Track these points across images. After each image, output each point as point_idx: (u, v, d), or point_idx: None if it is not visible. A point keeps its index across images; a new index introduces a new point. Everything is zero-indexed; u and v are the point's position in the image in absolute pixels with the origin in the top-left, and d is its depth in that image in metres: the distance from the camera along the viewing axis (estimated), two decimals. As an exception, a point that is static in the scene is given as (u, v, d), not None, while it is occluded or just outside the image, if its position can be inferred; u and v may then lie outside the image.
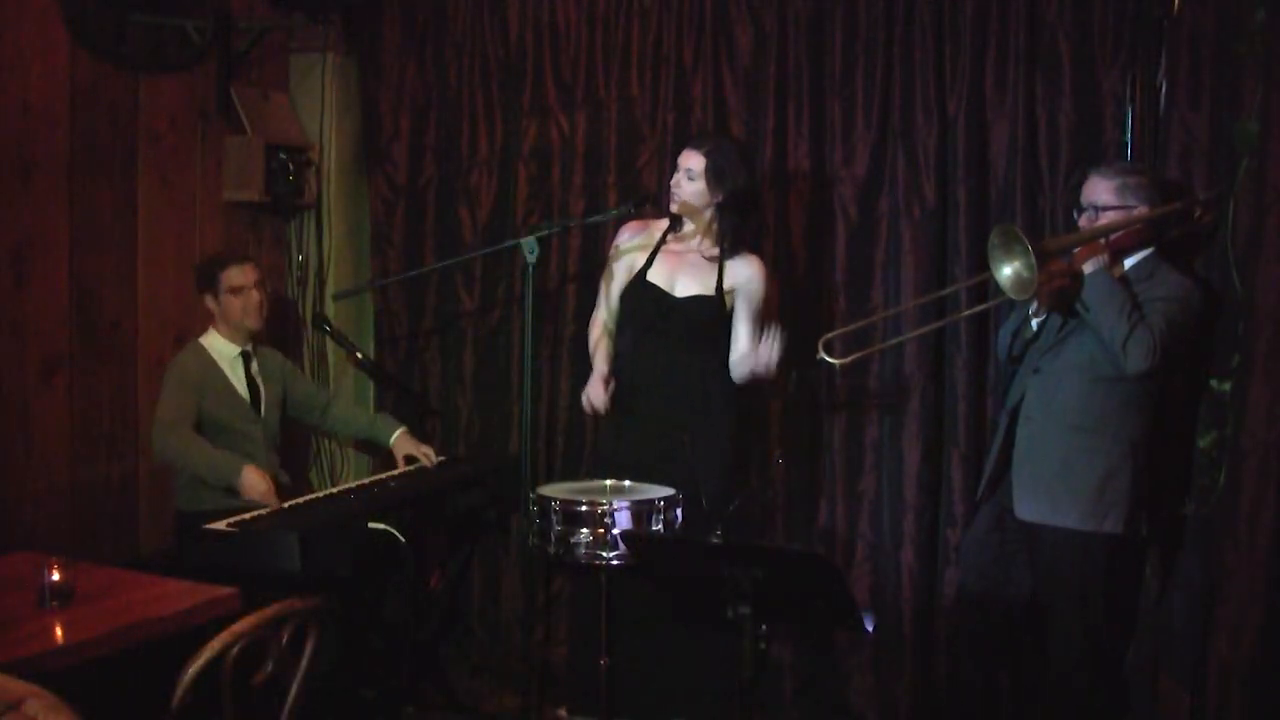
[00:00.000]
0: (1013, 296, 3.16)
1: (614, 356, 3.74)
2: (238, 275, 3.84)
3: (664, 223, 3.73)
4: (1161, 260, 3.30)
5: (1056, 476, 3.23)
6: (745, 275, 3.62)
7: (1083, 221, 3.30)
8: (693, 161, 3.58)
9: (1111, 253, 3.26)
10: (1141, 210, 3.24)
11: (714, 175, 3.55)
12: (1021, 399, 3.33)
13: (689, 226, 3.68)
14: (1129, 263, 3.30)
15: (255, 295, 3.86)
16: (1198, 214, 3.39)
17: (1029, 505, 3.27)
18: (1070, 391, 3.24)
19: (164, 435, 3.67)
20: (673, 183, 3.63)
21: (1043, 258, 3.08)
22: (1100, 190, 3.27)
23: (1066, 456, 3.22)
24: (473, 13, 4.40)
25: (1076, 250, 3.23)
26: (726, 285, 3.62)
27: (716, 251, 3.64)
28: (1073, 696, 3.28)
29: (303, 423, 4.22)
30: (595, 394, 3.61)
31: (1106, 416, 3.21)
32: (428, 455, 4.06)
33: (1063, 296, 3.22)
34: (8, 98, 3.60)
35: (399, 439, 4.11)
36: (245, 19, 4.30)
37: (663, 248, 3.70)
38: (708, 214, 3.63)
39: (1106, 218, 3.24)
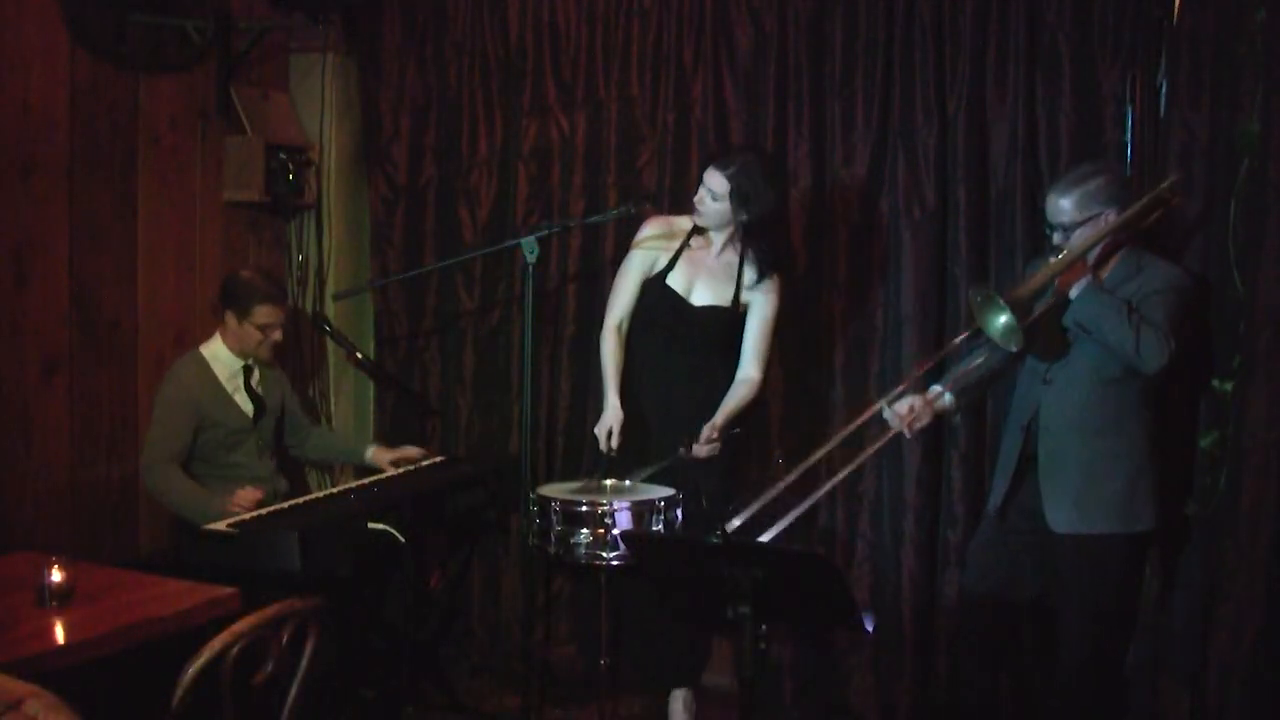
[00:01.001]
0: (1009, 349, 3.12)
1: (627, 357, 3.72)
2: (271, 314, 3.83)
3: (687, 222, 3.69)
4: (1143, 252, 3.24)
5: (1084, 485, 3.18)
6: (762, 292, 3.63)
7: (1057, 240, 3.20)
8: (716, 183, 3.50)
9: (1095, 264, 3.21)
10: (1110, 215, 3.14)
11: (738, 198, 3.49)
12: (1035, 412, 3.27)
13: (703, 254, 3.67)
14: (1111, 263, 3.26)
15: (277, 335, 3.87)
16: (1172, 200, 3.26)
17: (1062, 517, 3.20)
18: (1083, 398, 3.19)
19: (151, 471, 3.71)
20: (696, 199, 3.58)
21: (1021, 307, 3.05)
22: (1062, 210, 3.16)
23: (1090, 463, 3.18)
24: (473, 13, 4.40)
25: (1057, 281, 3.15)
26: (743, 298, 3.63)
27: (737, 260, 3.63)
28: (1080, 698, 3.28)
29: (286, 445, 4.19)
30: (604, 434, 3.56)
31: (1122, 417, 3.19)
32: (407, 457, 4.07)
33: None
34: (8, 98, 3.60)
35: (375, 453, 4.11)
36: (245, 19, 4.30)
37: (685, 251, 3.68)
38: (730, 228, 3.60)
39: (1079, 235, 3.15)
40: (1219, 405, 3.35)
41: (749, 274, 3.62)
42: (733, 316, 3.63)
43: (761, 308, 3.63)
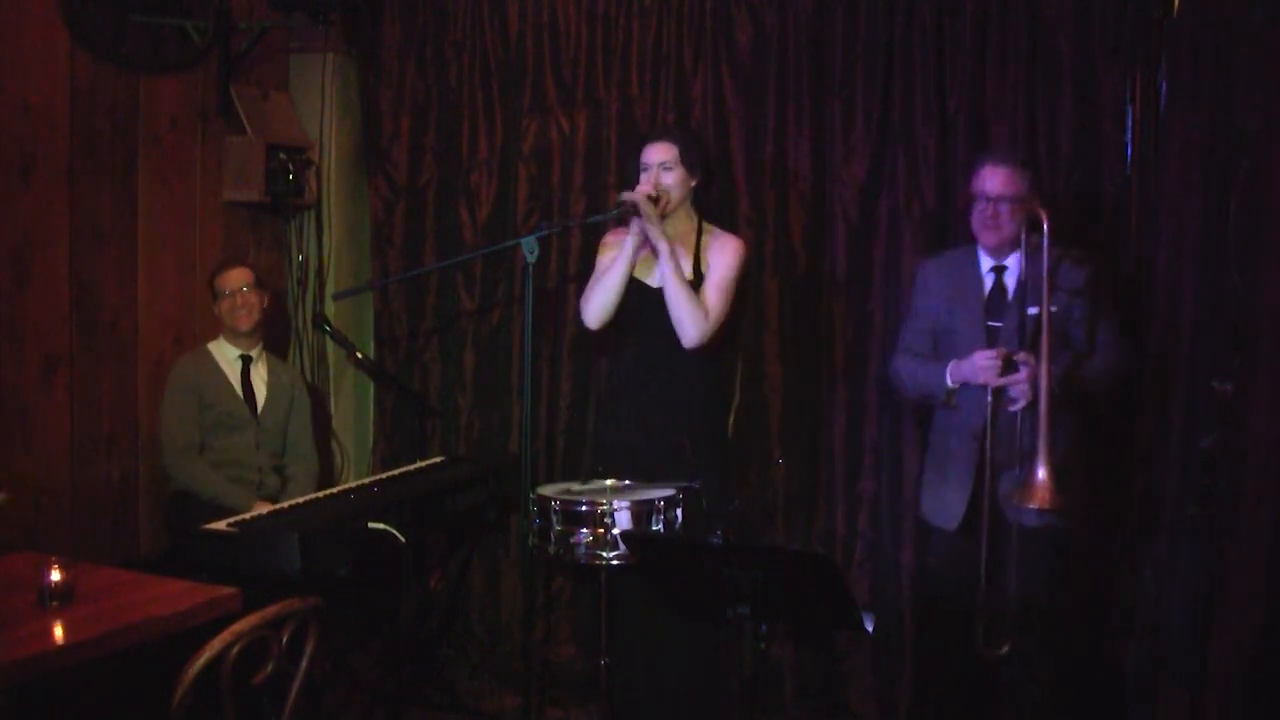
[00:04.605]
0: None
1: (606, 366, 3.72)
2: (225, 279, 3.97)
3: None
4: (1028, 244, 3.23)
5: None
6: (719, 251, 3.57)
7: (990, 213, 3.25)
8: (662, 152, 3.53)
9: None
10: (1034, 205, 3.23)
11: (687, 159, 3.55)
12: (987, 420, 3.20)
13: (666, 227, 3.63)
14: (1012, 265, 3.29)
15: (239, 299, 3.95)
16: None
17: (1033, 514, 3.14)
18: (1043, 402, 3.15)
19: (180, 463, 3.83)
20: (646, 183, 3.51)
21: None
22: (1016, 184, 3.24)
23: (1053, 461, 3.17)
24: (473, 13, 4.40)
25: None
26: (704, 265, 3.57)
27: (695, 233, 3.61)
28: (1061, 680, 3.31)
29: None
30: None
31: (1071, 416, 3.22)
32: None
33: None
34: (8, 98, 3.60)
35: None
36: (245, 19, 4.30)
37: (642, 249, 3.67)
38: (684, 205, 3.59)
39: (1019, 209, 3.21)
40: (1219, 405, 3.35)
41: (710, 240, 3.59)
42: (697, 288, 3.54)
43: (718, 265, 3.55)
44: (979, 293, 3.34)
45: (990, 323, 3.30)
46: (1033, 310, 3.14)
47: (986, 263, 3.36)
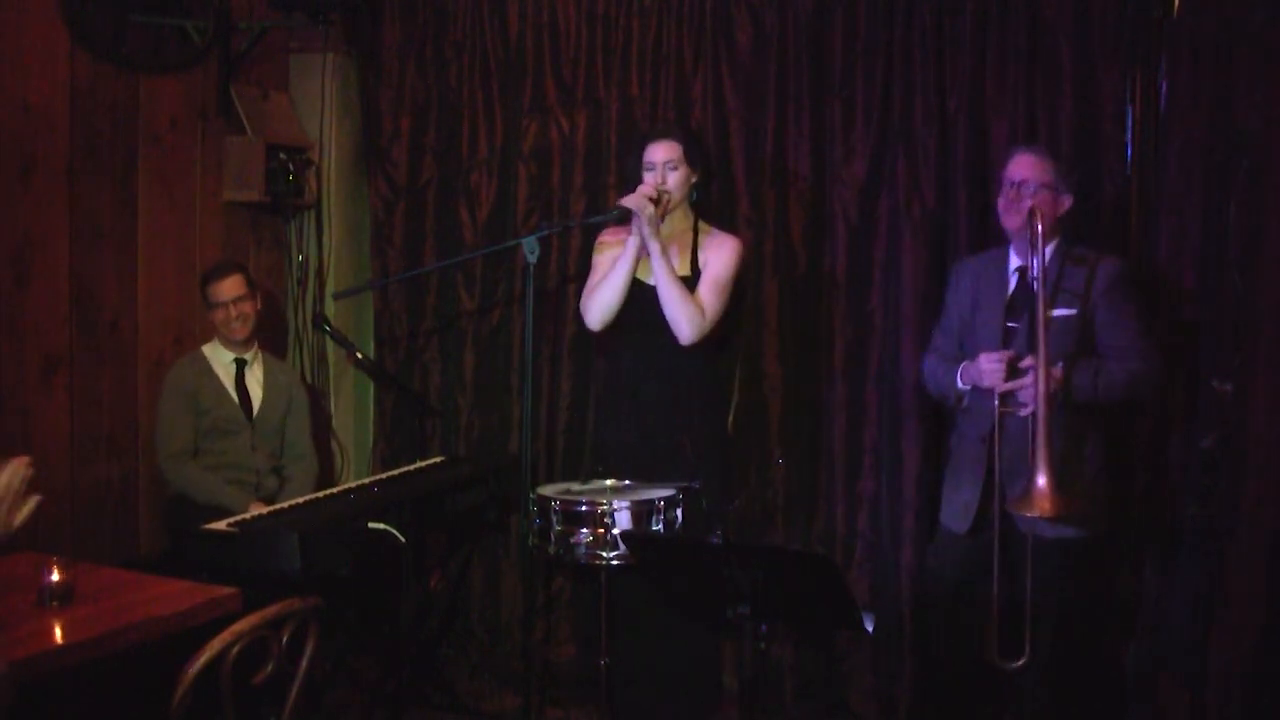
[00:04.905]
0: None
1: (604, 368, 3.71)
2: (217, 291, 3.93)
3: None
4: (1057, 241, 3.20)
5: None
6: (720, 251, 3.57)
7: (1012, 196, 3.20)
8: (667, 151, 3.53)
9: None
10: (1065, 200, 3.21)
11: (690, 156, 3.55)
12: (994, 425, 3.16)
13: (663, 225, 3.59)
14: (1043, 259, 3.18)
15: (233, 310, 3.92)
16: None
17: (1043, 522, 3.08)
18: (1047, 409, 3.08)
19: (176, 467, 3.84)
20: (652, 182, 3.50)
21: None
22: (1042, 169, 3.19)
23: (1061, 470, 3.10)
24: (473, 13, 4.40)
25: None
26: (702, 263, 3.56)
27: (691, 231, 3.61)
28: (1067, 691, 3.28)
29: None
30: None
31: (1080, 426, 3.17)
32: None
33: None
34: (8, 98, 3.60)
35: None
36: (245, 19, 4.30)
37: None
38: (683, 204, 3.58)
39: (1043, 196, 3.16)
40: (1219, 405, 3.35)
41: (707, 239, 3.58)
42: (692, 286, 3.51)
43: (714, 263, 3.54)
44: (1002, 293, 3.29)
45: (1009, 323, 3.25)
46: (1054, 312, 3.09)
47: (1014, 262, 3.30)
